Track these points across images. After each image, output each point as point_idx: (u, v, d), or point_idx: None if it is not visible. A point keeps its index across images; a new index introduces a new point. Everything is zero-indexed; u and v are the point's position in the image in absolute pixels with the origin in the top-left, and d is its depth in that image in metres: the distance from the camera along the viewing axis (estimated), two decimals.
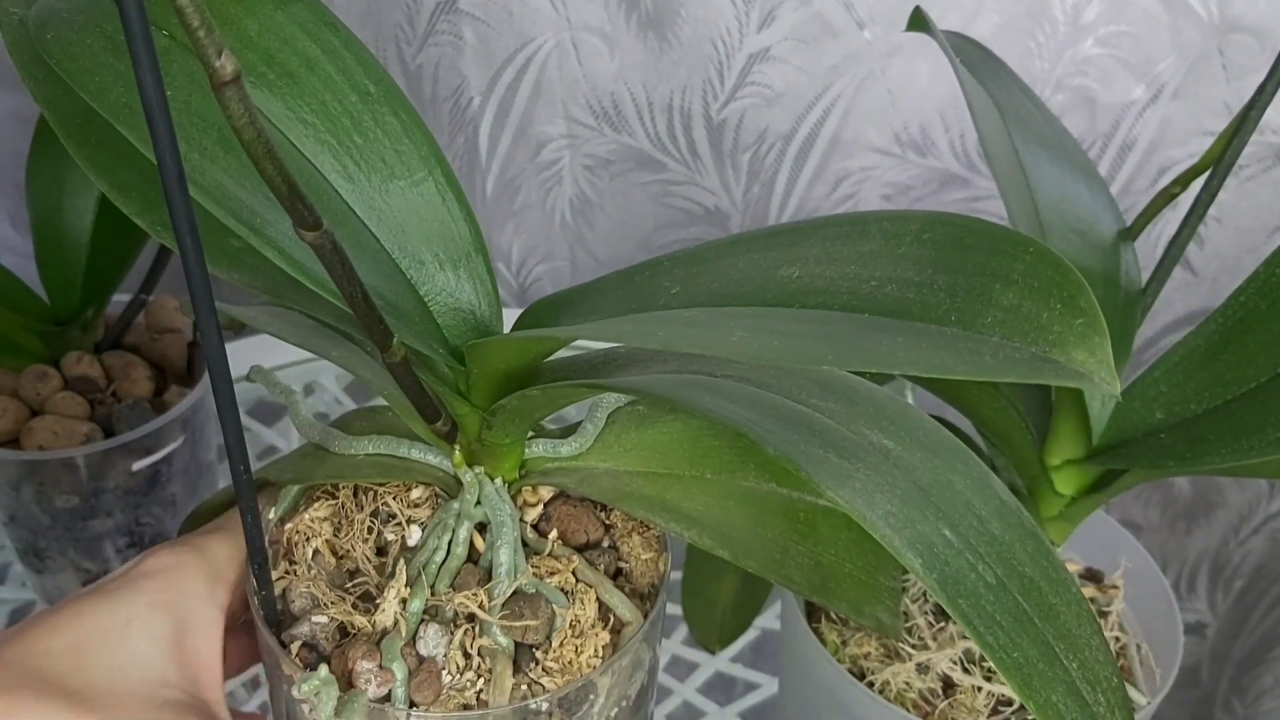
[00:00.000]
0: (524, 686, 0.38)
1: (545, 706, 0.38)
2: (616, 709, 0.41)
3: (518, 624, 0.38)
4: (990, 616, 0.31)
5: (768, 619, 0.69)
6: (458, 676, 0.38)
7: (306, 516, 0.42)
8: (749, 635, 0.67)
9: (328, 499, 0.43)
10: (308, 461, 0.43)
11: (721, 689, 0.69)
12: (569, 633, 0.39)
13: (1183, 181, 0.48)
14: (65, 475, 0.60)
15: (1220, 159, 0.46)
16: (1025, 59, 0.75)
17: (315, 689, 0.36)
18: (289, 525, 0.42)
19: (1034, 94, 0.56)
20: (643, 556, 0.43)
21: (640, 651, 0.41)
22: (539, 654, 0.39)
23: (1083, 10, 0.74)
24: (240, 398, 0.84)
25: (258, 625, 0.40)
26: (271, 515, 0.44)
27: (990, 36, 0.74)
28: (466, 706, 0.38)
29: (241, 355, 0.72)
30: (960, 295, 0.31)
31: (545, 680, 0.38)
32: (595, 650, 0.39)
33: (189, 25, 0.23)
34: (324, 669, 0.37)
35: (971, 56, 0.55)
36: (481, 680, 0.38)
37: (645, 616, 0.41)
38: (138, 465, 0.61)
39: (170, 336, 0.67)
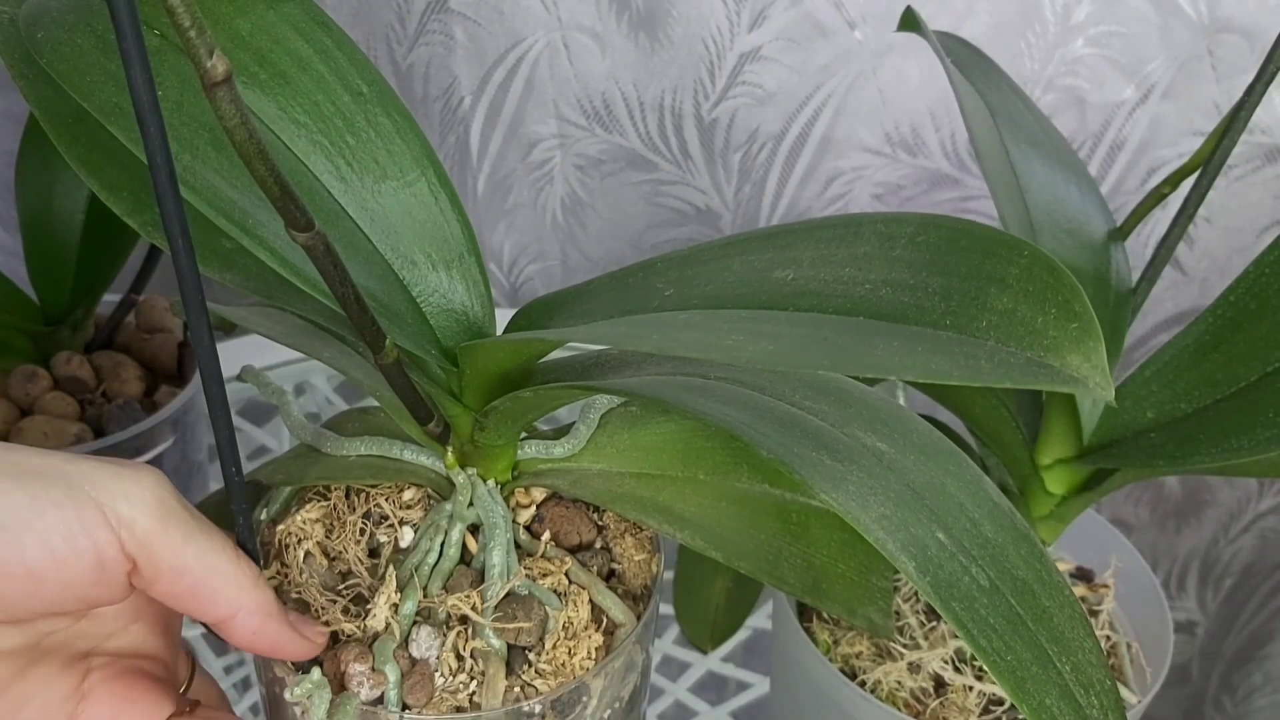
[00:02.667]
0: (517, 688, 0.38)
1: (538, 709, 0.38)
2: (609, 710, 0.41)
3: (510, 626, 0.38)
4: (984, 620, 0.31)
5: (760, 618, 0.69)
6: (450, 679, 0.38)
7: (298, 518, 0.42)
8: (741, 635, 0.67)
9: (319, 500, 0.43)
10: (299, 463, 0.43)
11: (713, 688, 0.69)
12: (562, 635, 0.39)
13: (1173, 181, 0.48)
14: None
15: (1210, 159, 0.46)
16: (1016, 59, 0.75)
17: (308, 692, 0.36)
18: (280, 526, 0.42)
19: (1024, 94, 0.56)
20: (635, 558, 0.43)
21: (633, 653, 0.41)
22: (532, 656, 0.39)
23: (1073, 10, 0.74)
24: (231, 398, 0.83)
25: None
26: (263, 516, 0.44)
27: (981, 36, 0.74)
28: (459, 709, 0.38)
29: (232, 355, 0.72)
30: (955, 299, 0.31)
31: (538, 682, 0.38)
32: (588, 652, 0.39)
33: (180, 25, 0.23)
34: (316, 672, 0.37)
35: (962, 56, 0.55)
36: (474, 682, 0.38)
37: (638, 618, 0.41)
38: None
39: (161, 336, 0.67)
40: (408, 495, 0.43)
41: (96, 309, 0.67)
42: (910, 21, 0.53)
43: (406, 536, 0.41)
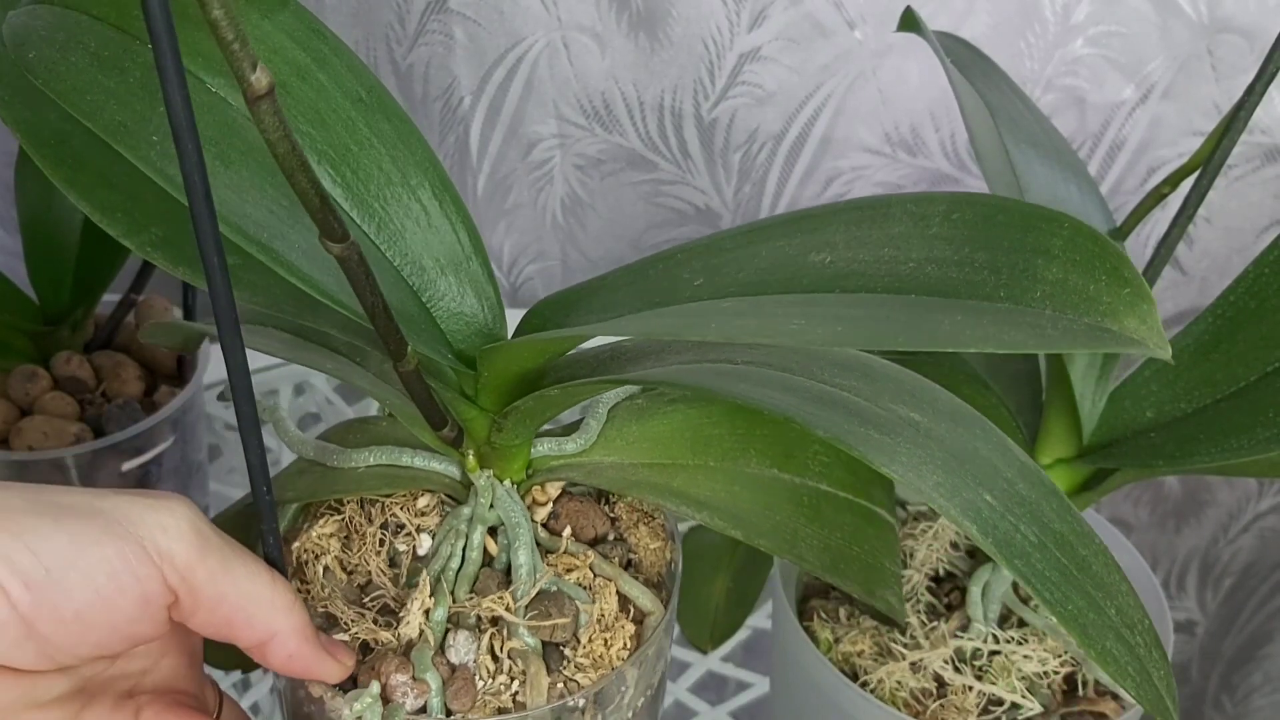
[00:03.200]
0: (560, 684, 0.38)
1: (582, 702, 0.38)
2: (643, 698, 0.41)
3: (547, 623, 0.38)
4: (1042, 573, 0.32)
5: (760, 618, 0.69)
6: (490, 681, 0.38)
7: (314, 534, 0.41)
8: (740, 634, 0.67)
9: (332, 514, 0.43)
10: (307, 479, 0.43)
11: (713, 688, 0.69)
12: (597, 627, 0.39)
13: (1172, 181, 0.48)
14: (55, 476, 0.60)
15: (1209, 159, 0.46)
16: (1015, 59, 0.75)
17: (367, 707, 0.36)
18: (295, 544, 0.41)
19: (1024, 94, 0.56)
20: (651, 546, 0.43)
21: (662, 640, 0.41)
22: (568, 651, 0.39)
23: (1073, 10, 0.74)
24: None
25: None
26: None
27: (981, 36, 0.74)
28: (503, 710, 0.37)
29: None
30: (1004, 272, 0.31)
31: (579, 677, 0.38)
32: (624, 642, 0.40)
33: (223, 38, 0.23)
34: (375, 686, 0.36)
35: (962, 56, 0.55)
36: (516, 683, 0.38)
37: (664, 604, 0.41)
38: (128, 465, 0.61)
39: None
40: (422, 502, 0.42)
41: (96, 309, 0.67)
42: (910, 22, 0.53)
43: (424, 544, 0.41)
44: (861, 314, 0.32)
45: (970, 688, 0.47)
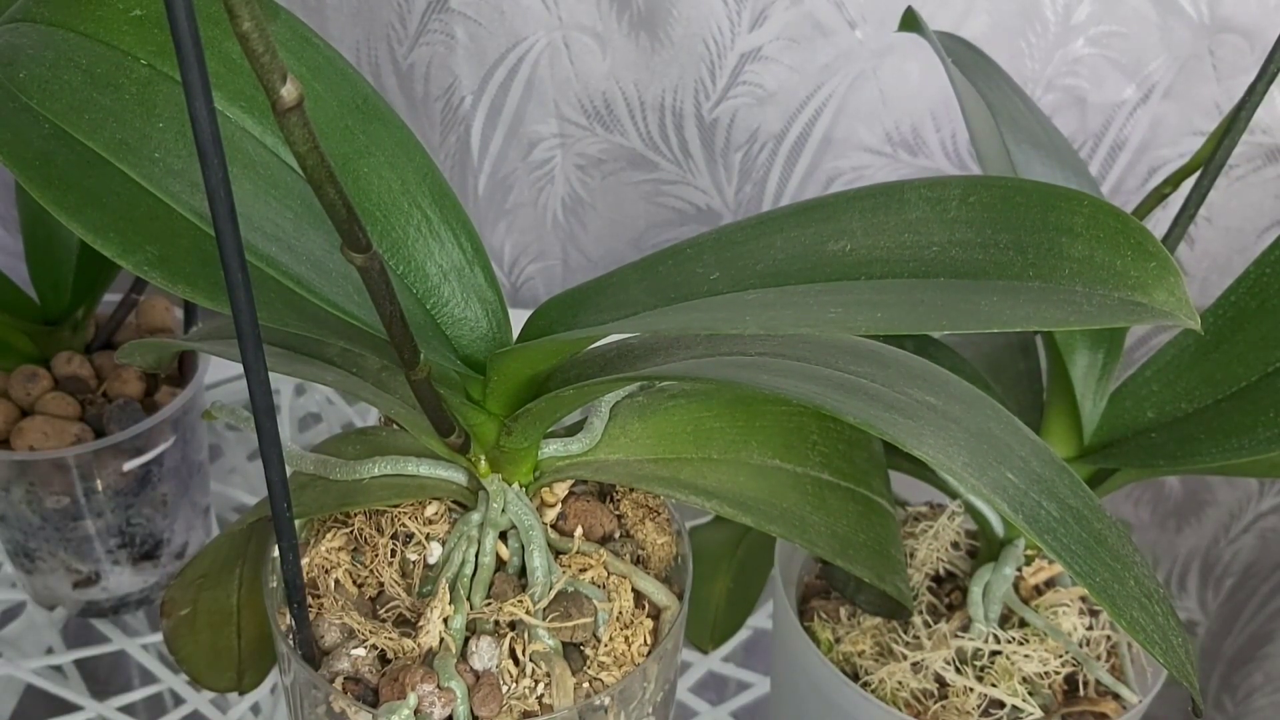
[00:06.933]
0: (585, 684, 0.38)
1: (607, 701, 0.38)
2: (661, 693, 0.41)
3: (568, 624, 0.38)
4: (1069, 548, 0.32)
5: (760, 618, 0.69)
6: (514, 685, 0.38)
7: (323, 548, 0.41)
8: (741, 634, 0.67)
9: (340, 527, 0.42)
10: (310, 493, 0.42)
11: (714, 688, 0.69)
12: (617, 625, 0.39)
13: (1173, 181, 0.48)
14: (55, 475, 0.60)
15: (1211, 159, 0.46)
16: (1016, 59, 0.75)
17: (407, 718, 0.36)
18: (305, 559, 0.41)
19: (1025, 94, 0.56)
20: (658, 541, 0.43)
21: (678, 634, 0.41)
22: (589, 651, 0.39)
23: (1074, 10, 0.74)
24: (229, 398, 0.83)
25: (294, 666, 0.39)
26: (275, 554, 0.43)
27: (981, 36, 0.74)
28: (529, 713, 0.37)
29: (226, 364, 0.72)
30: (1030, 251, 0.31)
31: (604, 675, 0.38)
32: (644, 639, 0.40)
33: (253, 51, 0.23)
34: (413, 699, 0.36)
35: (963, 56, 0.55)
36: (540, 685, 0.38)
37: (679, 598, 0.41)
38: (128, 465, 0.61)
39: (161, 336, 0.67)
40: (430, 511, 0.42)
41: (97, 309, 0.67)
42: (910, 21, 0.53)
43: (435, 552, 0.41)
44: (897, 299, 0.32)
45: (970, 689, 0.47)
